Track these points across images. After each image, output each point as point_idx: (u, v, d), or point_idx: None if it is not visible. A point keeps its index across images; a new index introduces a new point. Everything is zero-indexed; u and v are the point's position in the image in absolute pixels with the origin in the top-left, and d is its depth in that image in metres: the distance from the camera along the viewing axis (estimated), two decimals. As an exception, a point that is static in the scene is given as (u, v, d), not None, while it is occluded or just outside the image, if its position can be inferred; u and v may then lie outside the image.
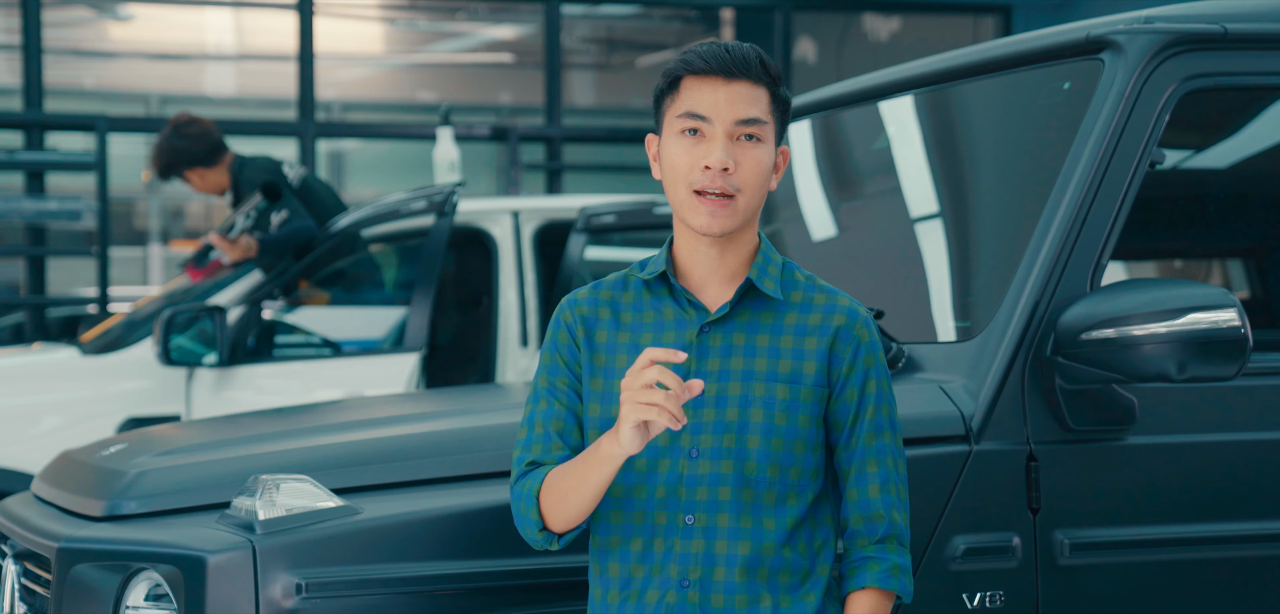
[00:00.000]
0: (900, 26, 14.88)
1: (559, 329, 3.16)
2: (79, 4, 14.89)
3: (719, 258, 3.08)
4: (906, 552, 3.10)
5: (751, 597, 3.01)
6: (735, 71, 3.03)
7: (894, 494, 3.09)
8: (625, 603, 3.05)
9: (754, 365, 3.04)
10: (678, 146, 3.05)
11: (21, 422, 6.93)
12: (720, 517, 3.01)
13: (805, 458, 3.05)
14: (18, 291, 11.95)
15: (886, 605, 3.08)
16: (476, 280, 7.96)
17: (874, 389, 3.09)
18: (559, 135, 12.49)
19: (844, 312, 3.09)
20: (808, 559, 3.06)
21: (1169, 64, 3.79)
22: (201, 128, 7.61)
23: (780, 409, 3.02)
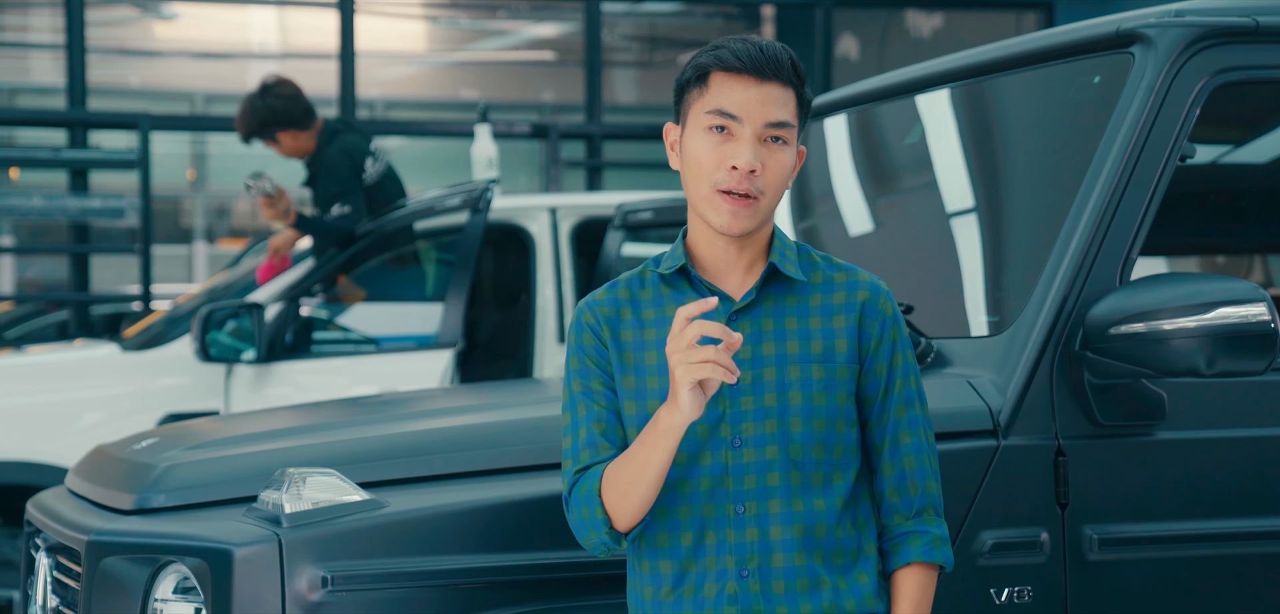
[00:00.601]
0: (942, 23, 14.84)
1: (583, 331, 3.13)
2: (124, 3, 14.98)
3: (738, 250, 3.07)
4: (943, 521, 3.11)
5: (812, 579, 3.00)
6: (768, 73, 3.00)
7: (928, 464, 3.10)
8: (681, 599, 3.03)
9: (786, 348, 3.03)
10: (703, 143, 3.02)
11: (62, 417, 6.98)
12: (772, 502, 3.00)
13: (847, 434, 3.04)
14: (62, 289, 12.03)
15: (933, 578, 3.08)
16: (514, 277, 7.97)
17: (901, 361, 3.09)
18: (599, 132, 12.49)
19: (867, 286, 3.09)
20: (856, 538, 3.05)
21: (1199, 58, 3.77)
22: (293, 88, 7.58)
23: (819, 389, 3.01)
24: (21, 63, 15.74)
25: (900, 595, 3.07)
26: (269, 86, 7.54)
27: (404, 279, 7.97)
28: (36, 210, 11.05)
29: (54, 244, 13.31)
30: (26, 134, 14.35)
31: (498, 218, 7.60)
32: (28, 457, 6.80)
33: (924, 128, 4.44)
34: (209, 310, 6.85)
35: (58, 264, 12.89)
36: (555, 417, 3.90)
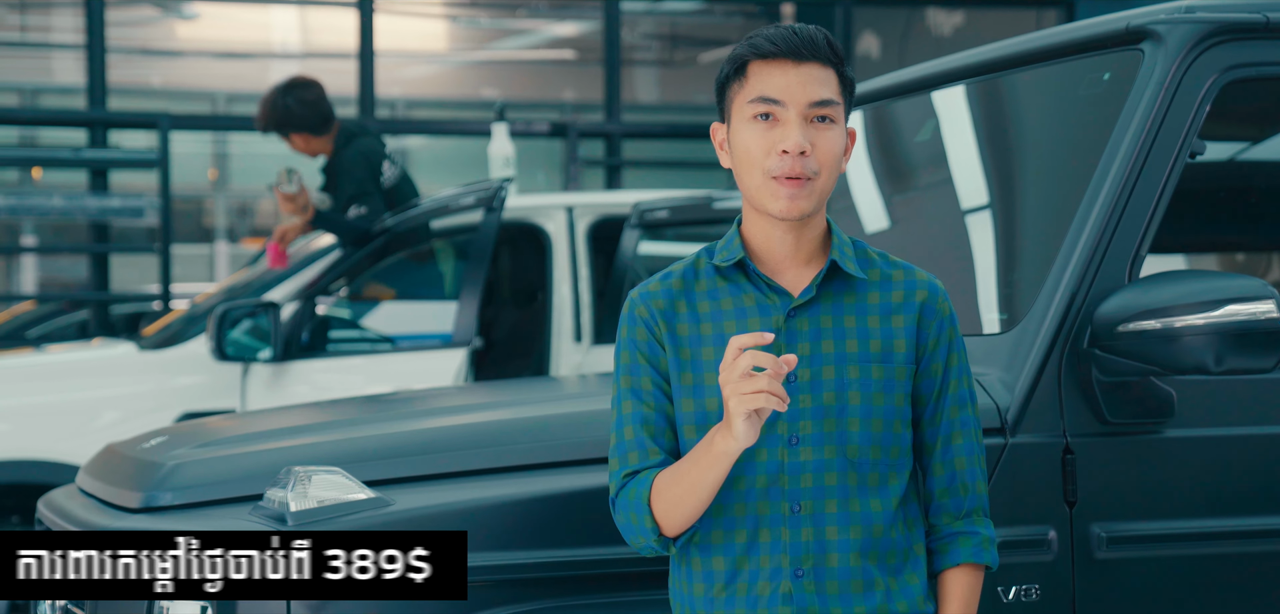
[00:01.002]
0: (963, 20, 14.81)
1: (636, 325, 3.11)
2: (145, 3, 15.02)
3: (795, 242, 3.05)
4: (990, 522, 3.11)
5: (866, 581, 3.00)
6: (804, 53, 3.00)
7: (978, 465, 3.10)
8: (733, 597, 3.02)
9: (845, 347, 3.02)
10: (751, 132, 3.01)
11: (78, 416, 6.99)
12: (828, 502, 2.99)
13: (903, 435, 3.04)
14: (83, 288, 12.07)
15: (980, 579, 3.09)
16: (531, 276, 7.98)
17: (956, 362, 3.09)
18: (618, 131, 12.50)
19: (925, 286, 3.08)
20: (907, 538, 3.05)
21: (1209, 54, 3.76)
22: (317, 93, 7.58)
23: (878, 389, 3.01)
24: (44, 63, 15.78)
25: (948, 596, 3.08)
26: (294, 86, 7.57)
27: (420, 278, 7.98)
28: (57, 210, 11.10)
29: (75, 244, 13.35)
30: (48, 134, 14.40)
31: (514, 217, 7.61)
32: (45, 456, 6.82)
33: (935, 125, 4.44)
34: (225, 309, 6.87)
35: (80, 264, 12.92)
36: (560, 415, 3.93)
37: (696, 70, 16.08)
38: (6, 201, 11.24)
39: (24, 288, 15.35)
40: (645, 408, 3.07)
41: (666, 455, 3.05)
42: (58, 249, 15.36)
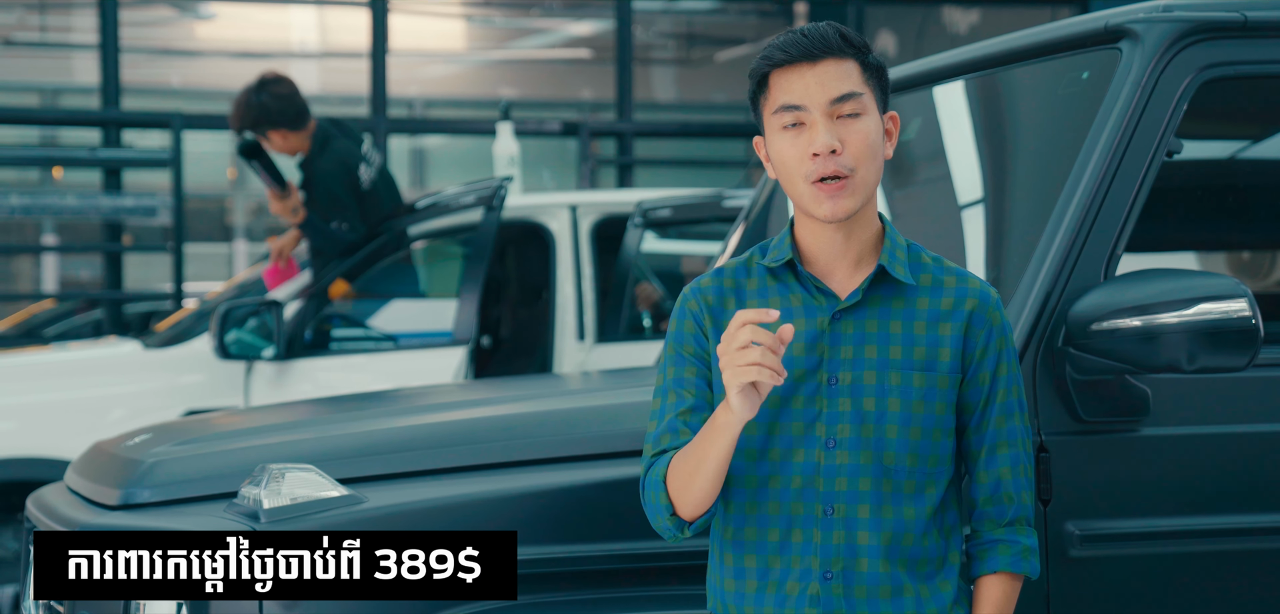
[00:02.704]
0: (979, 18, 14.81)
1: (684, 318, 3.12)
2: (162, 3, 15.09)
3: (845, 242, 3.04)
4: (1034, 532, 3.11)
5: (895, 587, 2.99)
6: (817, 52, 2.99)
7: (1024, 476, 3.09)
8: (763, 594, 3.02)
9: (889, 353, 3.01)
10: (783, 142, 3.01)
11: (83, 414, 7.03)
12: (861, 507, 2.99)
13: (942, 444, 3.03)
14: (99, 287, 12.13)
15: (1017, 588, 3.09)
16: (535, 275, 8.01)
17: (1006, 372, 3.07)
18: (630, 130, 12.52)
19: (976, 294, 3.06)
20: (942, 546, 3.05)
21: (1187, 53, 3.75)
22: (290, 88, 7.52)
23: (918, 397, 3.00)
24: (63, 63, 15.87)
25: (983, 602, 3.07)
26: (266, 82, 7.50)
27: (422, 276, 8.01)
28: (70, 209, 11.15)
29: (91, 243, 13.42)
30: (65, 134, 14.48)
31: (518, 215, 7.63)
32: (49, 454, 6.86)
33: (917, 124, 4.45)
34: (228, 308, 6.91)
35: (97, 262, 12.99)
36: (536, 413, 3.96)
37: (710, 69, 16.11)
38: (22, 201, 11.30)
39: (43, 287, 15.44)
40: (687, 395, 3.08)
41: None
42: (72, 248, 15.44)
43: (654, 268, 7.87)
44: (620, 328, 7.55)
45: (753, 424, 3.00)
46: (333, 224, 7.26)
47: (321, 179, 7.39)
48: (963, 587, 3.09)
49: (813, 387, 3.01)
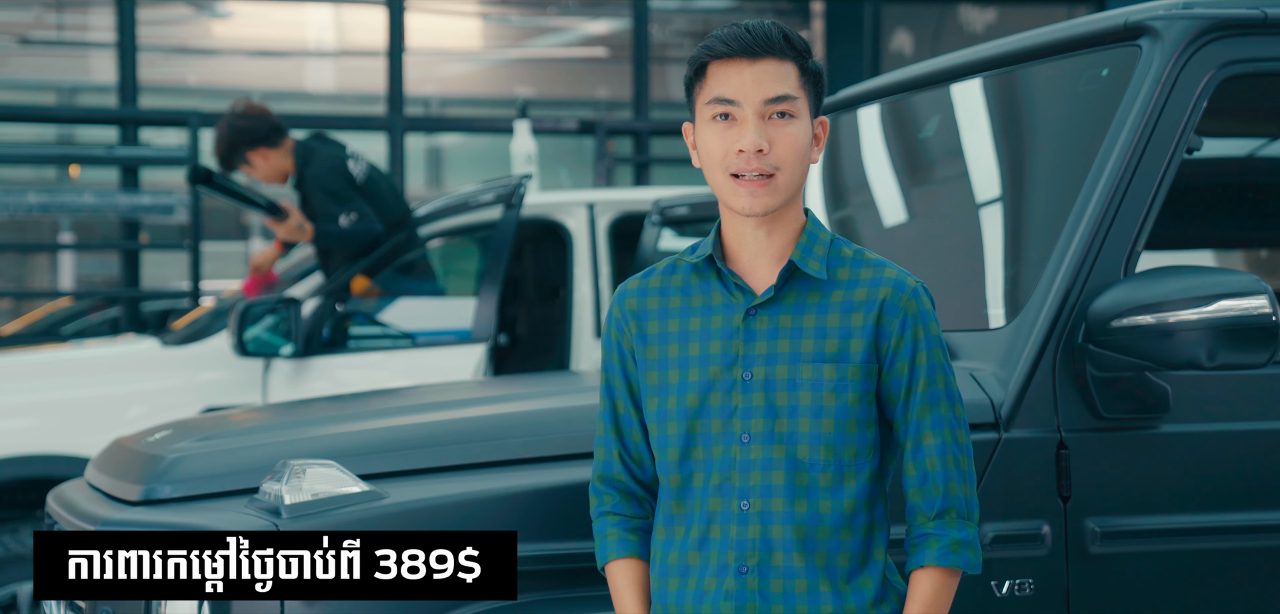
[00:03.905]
0: (995, 16, 14.78)
1: (611, 325, 3.18)
2: (178, 2, 15.11)
3: (766, 238, 3.06)
4: (970, 524, 3.05)
5: (810, 582, 3.00)
6: (758, 50, 3.00)
7: (953, 466, 3.05)
8: (684, 589, 3.05)
9: (800, 347, 3.02)
10: (711, 133, 3.03)
11: (101, 411, 7.04)
12: (774, 501, 3.00)
13: (857, 436, 3.02)
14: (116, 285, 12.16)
15: (950, 583, 3.05)
16: (552, 272, 8.01)
17: (925, 360, 3.05)
18: (646, 129, 12.52)
19: (890, 283, 3.05)
20: (864, 542, 3.04)
21: (1206, 50, 3.76)
22: (259, 110, 7.58)
23: (828, 390, 3.00)
24: (81, 61, 15.89)
25: (913, 597, 3.05)
26: (237, 110, 7.59)
27: (441, 274, 8.02)
28: (88, 207, 11.16)
29: (108, 241, 13.44)
30: (83, 132, 14.51)
31: (536, 213, 7.64)
32: (68, 450, 6.87)
33: (936, 121, 4.45)
34: (246, 305, 6.92)
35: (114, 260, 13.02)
36: (557, 410, 3.97)
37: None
38: (39, 199, 11.32)
39: (59, 285, 15.47)
40: (615, 408, 3.17)
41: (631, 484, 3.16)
42: (89, 246, 15.46)
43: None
44: (638, 326, 7.54)
45: (674, 423, 3.06)
46: (341, 219, 7.27)
47: (315, 185, 7.41)
48: (890, 583, 3.08)
49: (728, 383, 3.03)
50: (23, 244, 15.13)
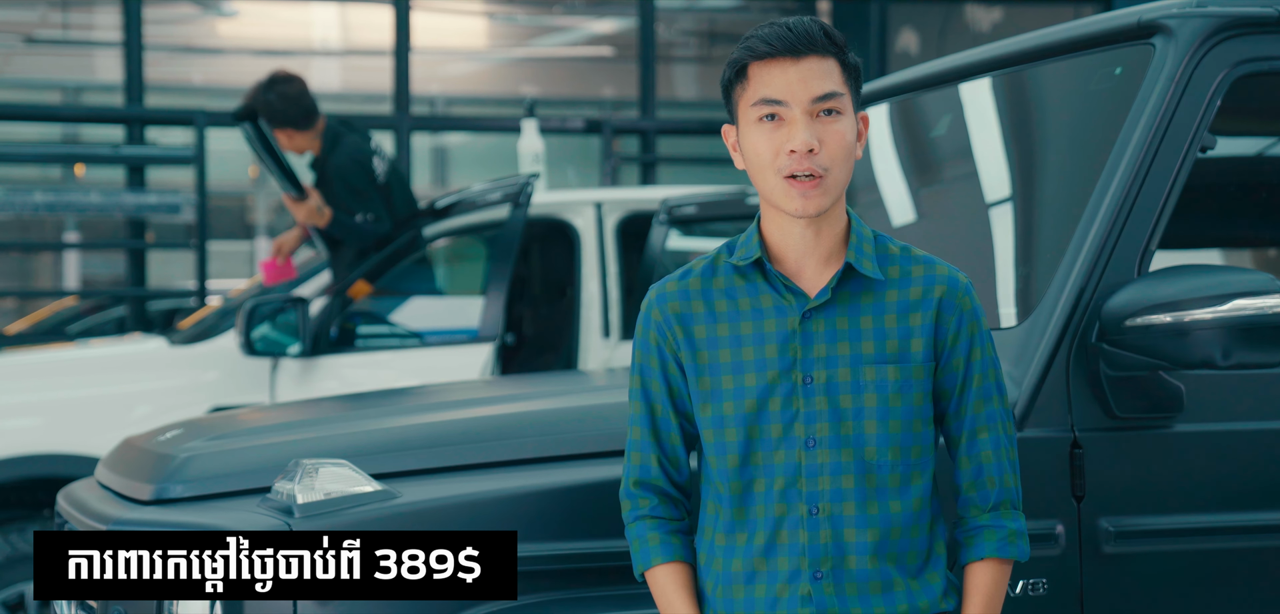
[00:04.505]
0: (1001, 16, 14.77)
1: (649, 328, 3.12)
2: (185, 1, 15.11)
3: (814, 239, 3.03)
4: (1021, 514, 3.09)
5: (885, 582, 2.99)
6: (802, 48, 2.97)
7: (1006, 458, 3.08)
8: (752, 598, 3.02)
9: (861, 348, 3.00)
10: (758, 135, 3.00)
11: (110, 410, 7.03)
12: (846, 505, 2.99)
13: (923, 434, 3.03)
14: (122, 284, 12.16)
15: (1006, 572, 3.07)
16: (560, 271, 8.00)
17: (979, 356, 3.06)
18: (653, 128, 12.51)
19: (944, 281, 3.05)
20: (929, 538, 3.05)
21: (1220, 48, 3.75)
22: (299, 88, 7.44)
23: (894, 390, 3.00)
24: (86, 60, 15.89)
25: (972, 590, 3.06)
26: (276, 81, 7.43)
27: (447, 273, 8.01)
28: (94, 206, 11.15)
29: (114, 240, 13.44)
30: (89, 131, 14.50)
31: (543, 212, 7.63)
32: (76, 450, 6.86)
33: (949, 119, 4.44)
34: (253, 305, 6.91)
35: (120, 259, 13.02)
36: (570, 409, 3.95)
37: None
38: (46, 198, 11.32)
39: (64, 284, 15.46)
40: (653, 410, 3.11)
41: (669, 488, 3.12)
42: (96, 245, 15.46)
43: (678, 266, 7.85)
44: (645, 325, 7.53)
45: (732, 429, 3.02)
46: (357, 217, 7.25)
47: (338, 174, 7.37)
48: (950, 577, 3.08)
49: (788, 387, 3.01)
50: (29, 243, 15.13)
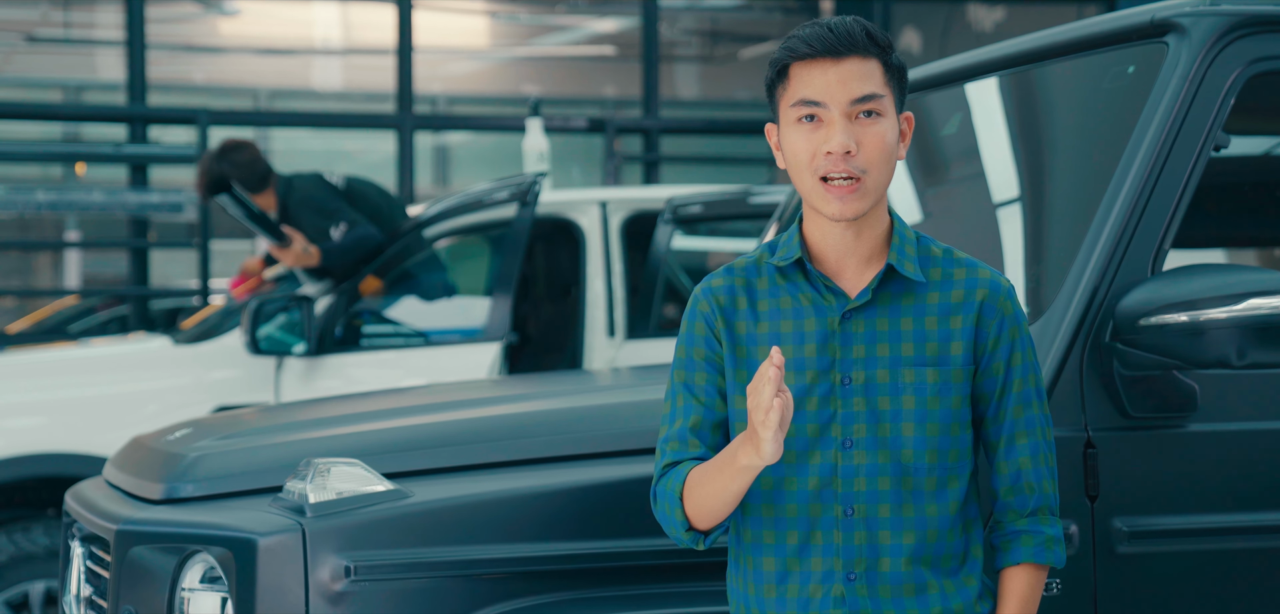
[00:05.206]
0: (1004, 15, 14.77)
1: (696, 319, 3.08)
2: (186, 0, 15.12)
3: (854, 240, 3.00)
4: (1058, 520, 3.06)
5: (919, 585, 2.97)
6: (842, 49, 2.93)
7: (1044, 465, 3.05)
8: (784, 598, 2.99)
9: (901, 350, 2.97)
10: (797, 135, 2.97)
11: (113, 410, 7.03)
12: (881, 507, 2.96)
13: (961, 438, 3.00)
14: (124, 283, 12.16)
15: (1042, 578, 3.05)
16: (565, 271, 7.99)
17: (1020, 361, 3.03)
18: (656, 127, 12.51)
19: (986, 284, 3.02)
20: (965, 541, 3.02)
21: (1234, 47, 3.73)
22: (249, 154, 7.55)
23: (932, 393, 2.97)
24: (88, 59, 15.90)
25: (1007, 594, 3.04)
26: (227, 150, 7.56)
27: (454, 273, 8.01)
28: (97, 205, 11.16)
29: (116, 238, 13.43)
30: (91, 129, 14.51)
31: (548, 211, 7.62)
32: (80, 449, 6.86)
33: (960, 118, 4.42)
34: (259, 304, 6.91)
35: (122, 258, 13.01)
36: (580, 408, 3.94)
37: (735, 66, 16.09)
38: (48, 197, 11.32)
39: (65, 283, 15.46)
40: (697, 402, 3.05)
41: (707, 451, 3.03)
42: (99, 244, 15.46)
43: (684, 265, 7.85)
44: (650, 324, 7.54)
45: None
46: (333, 232, 7.27)
47: (302, 208, 7.42)
48: (986, 580, 3.07)
49: (826, 387, 2.98)
50: (31, 242, 15.14)
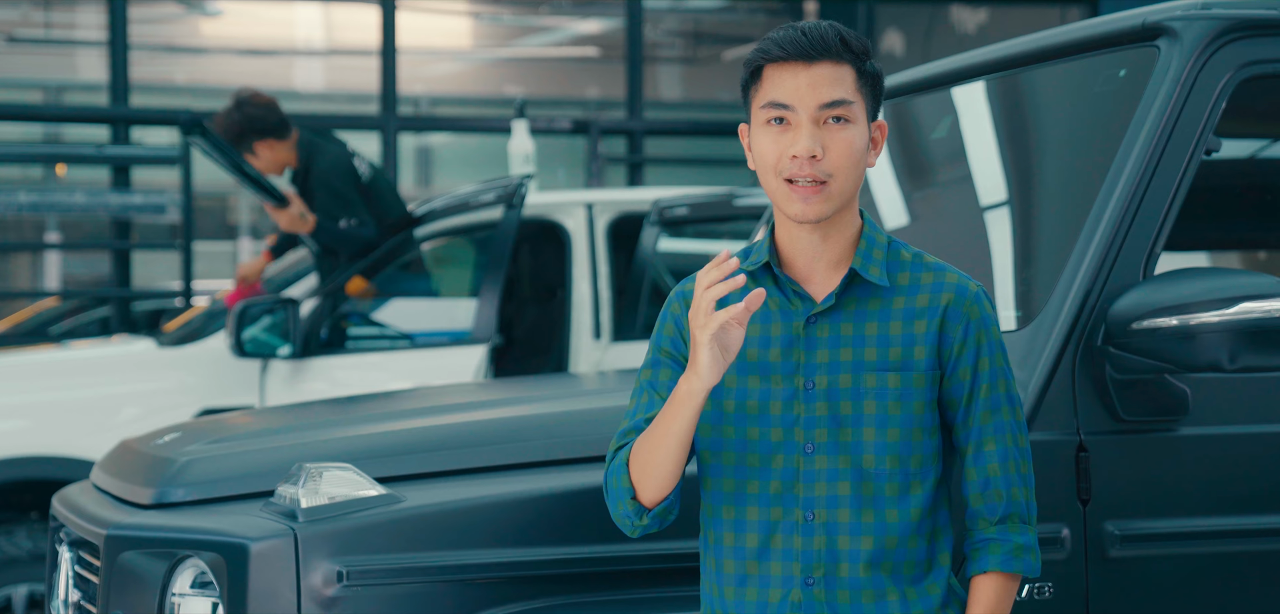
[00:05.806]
0: (986, 17, 14.78)
1: (667, 321, 3.09)
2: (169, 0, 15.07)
3: (821, 243, 3.00)
4: (1030, 529, 3.04)
5: (878, 591, 2.96)
6: (814, 53, 2.94)
7: (1015, 471, 3.03)
8: (743, 601, 3.00)
9: (863, 355, 2.97)
10: (765, 137, 2.98)
11: (97, 412, 7.01)
12: (841, 512, 2.96)
13: (924, 444, 2.99)
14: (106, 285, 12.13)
15: (1012, 587, 3.03)
16: (550, 273, 7.98)
17: (987, 366, 3.01)
18: (640, 129, 12.50)
19: (952, 288, 3.01)
20: (929, 548, 3.01)
21: (1225, 51, 3.73)
22: (268, 100, 7.49)
23: (893, 398, 2.96)
24: (69, 59, 15.84)
25: (974, 602, 3.02)
26: (244, 99, 7.46)
27: (440, 274, 7.99)
28: (79, 207, 11.12)
29: (97, 240, 13.40)
30: (72, 131, 14.46)
31: (534, 213, 7.60)
32: (64, 452, 6.83)
33: (951, 121, 4.42)
34: (244, 306, 6.88)
35: (103, 260, 12.98)
36: (573, 412, 3.94)
37: (719, 67, 16.09)
38: (30, 198, 11.28)
39: (48, 284, 15.41)
40: (657, 398, 3.05)
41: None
42: (80, 246, 15.41)
43: (670, 267, 7.85)
44: (636, 327, 7.53)
45: (730, 427, 2.99)
46: (341, 223, 7.23)
47: (321, 182, 7.36)
48: (953, 588, 3.06)
49: (790, 391, 2.99)
50: (12, 244, 15.08)
